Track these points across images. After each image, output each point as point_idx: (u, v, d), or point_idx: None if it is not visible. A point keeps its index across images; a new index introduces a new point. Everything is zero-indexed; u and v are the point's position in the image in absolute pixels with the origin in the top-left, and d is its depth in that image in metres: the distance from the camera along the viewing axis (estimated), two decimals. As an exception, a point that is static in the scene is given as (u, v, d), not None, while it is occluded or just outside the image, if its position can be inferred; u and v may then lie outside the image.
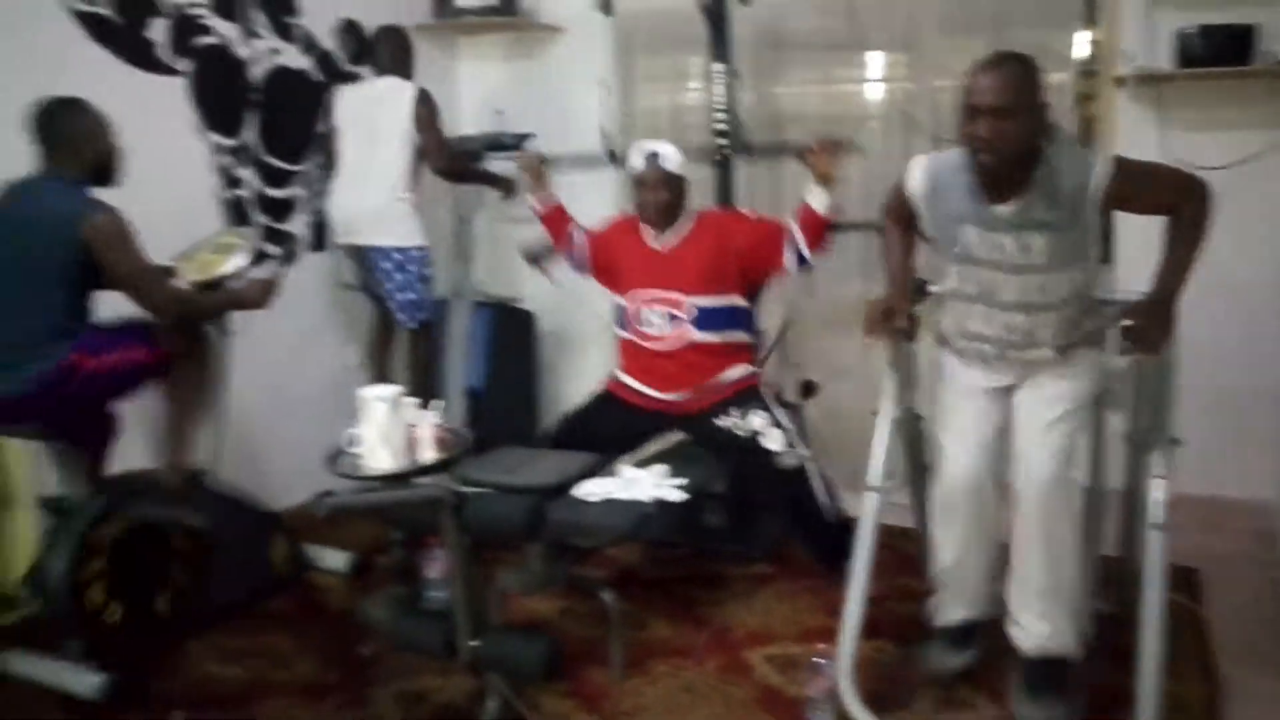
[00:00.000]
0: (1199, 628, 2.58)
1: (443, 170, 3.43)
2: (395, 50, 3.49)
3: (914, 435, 2.52)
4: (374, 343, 3.63)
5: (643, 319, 2.85)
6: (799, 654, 2.41)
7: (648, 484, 2.71)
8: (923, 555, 2.51)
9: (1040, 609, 2.12)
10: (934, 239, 2.21)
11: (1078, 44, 3.31)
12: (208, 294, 2.67)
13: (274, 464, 3.38)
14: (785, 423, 2.81)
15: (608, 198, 3.76)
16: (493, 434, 3.22)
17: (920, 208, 2.18)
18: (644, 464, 2.86)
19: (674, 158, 2.81)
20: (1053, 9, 3.29)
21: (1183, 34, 3.01)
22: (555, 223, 3.10)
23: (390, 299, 3.45)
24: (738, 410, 2.78)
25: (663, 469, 2.79)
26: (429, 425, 2.59)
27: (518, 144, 3.79)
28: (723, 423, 2.79)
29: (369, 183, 3.36)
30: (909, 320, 2.28)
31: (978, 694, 2.29)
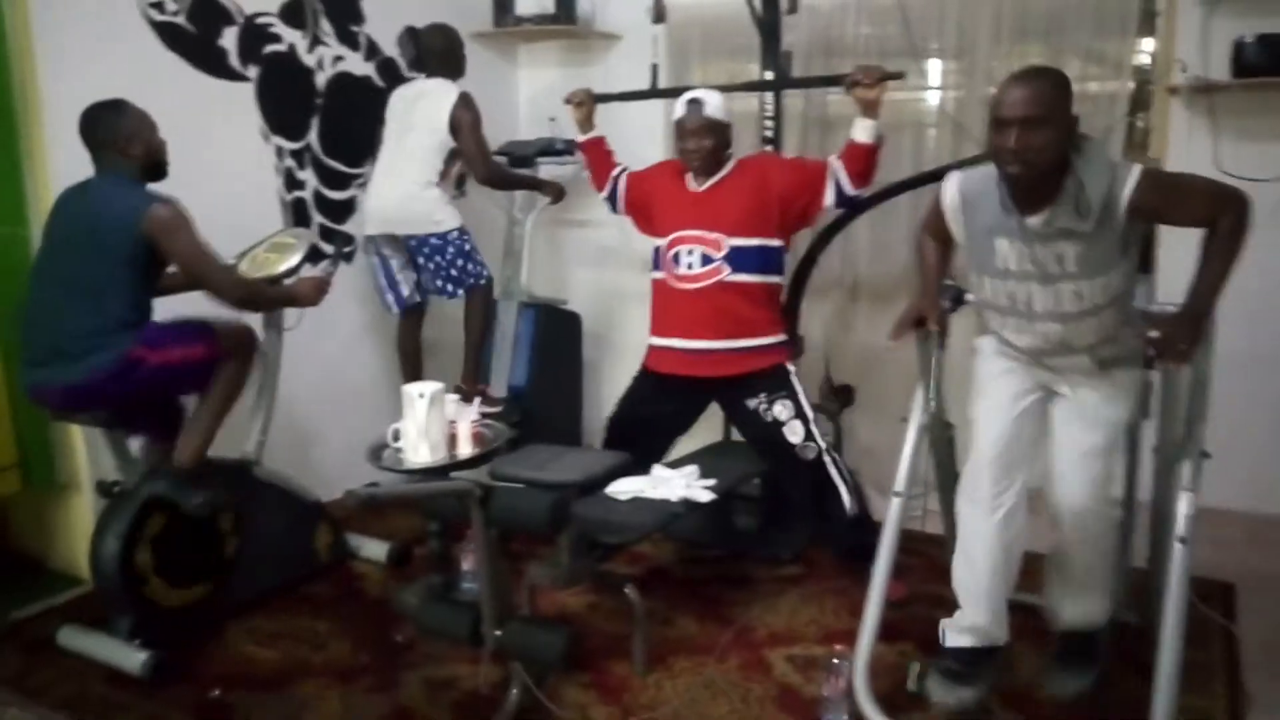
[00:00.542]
0: (1229, 643, 2.53)
1: (482, 177, 3.50)
2: (441, 48, 3.55)
3: (943, 442, 2.52)
4: (400, 344, 3.68)
5: (678, 258, 2.86)
6: (820, 655, 2.43)
7: (677, 484, 2.76)
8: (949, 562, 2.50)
9: (1076, 597, 2.25)
10: (968, 253, 2.21)
11: (1133, 53, 3.26)
12: (266, 285, 2.78)
13: (323, 455, 3.51)
14: (808, 411, 2.83)
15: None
16: (536, 433, 3.31)
17: (954, 222, 2.20)
18: (675, 464, 2.91)
19: (717, 104, 2.83)
20: (1108, 17, 3.23)
21: (1240, 43, 2.94)
22: (596, 156, 3.20)
23: (434, 280, 3.52)
24: (765, 395, 2.81)
25: (693, 469, 2.83)
26: (468, 421, 2.69)
27: (570, 150, 3.89)
28: (751, 404, 2.82)
29: (400, 173, 3.44)
30: (940, 325, 2.30)
31: (995, 699, 2.28)
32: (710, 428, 3.24)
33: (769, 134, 3.22)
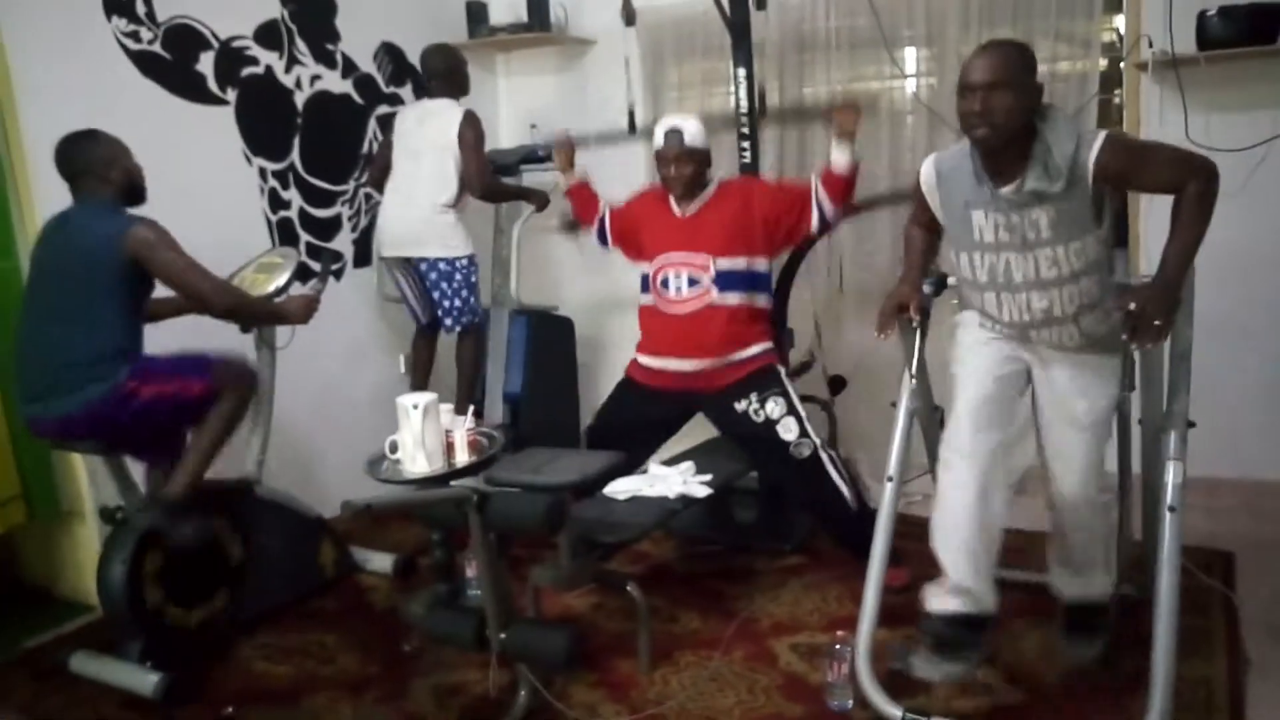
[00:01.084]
0: (1229, 610, 2.56)
1: (480, 192, 3.53)
2: (444, 69, 3.59)
3: (933, 425, 2.55)
4: (415, 354, 3.76)
5: (666, 282, 2.90)
6: (824, 643, 2.45)
7: (674, 481, 2.79)
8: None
9: (1078, 576, 2.35)
10: (948, 231, 2.25)
11: (1101, 31, 3.29)
12: (254, 298, 2.80)
13: (323, 470, 3.54)
14: (800, 408, 2.84)
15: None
16: (532, 438, 3.34)
17: (932, 199, 2.24)
18: (671, 461, 2.94)
19: (695, 132, 2.87)
20: (1074, -4, 3.27)
21: (1204, 16, 2.98)
22: (582, 199, 3.23)
23: (439, 306, 3.57)
24: (756, 395, 2.82)
25: (689, 465, 2.86)
26: (463, 430, 2.71)
27: (551, 156, 3.92)
28: (740, 406, 2.83)
29: (415, 197, 3.49)
30: (922, 313, 2.33)
31: (996, 676, 2.32)
32: (706, 425, 3.26)
33: (744, 130, 3.24)
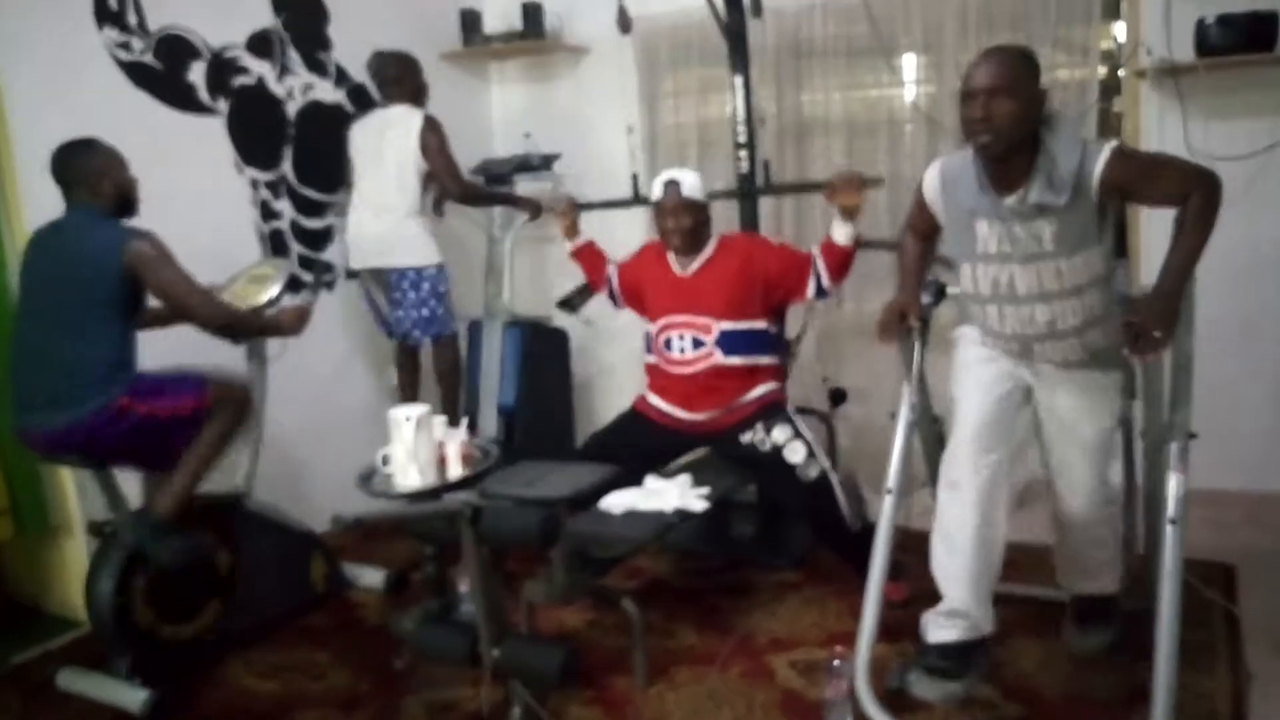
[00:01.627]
0: (1231, 623, 2.54)
1: (457, 195, 3.50)
2: (394, 75, 3.54)
3: (932, 436, 2.53)
4: (399, 369, 3.71)
5: (669, 344, 2.88)
6: (822, 658, 2.41)
7: (672, 494, 2.75)
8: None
9: (1086, 579, 2.39)
10: (951, 241, 2.23)
11: (1100, 38, 3.28)
12: (245, 312, 2.77)
13: (314, 483, 3.50)
14: (806, 433, 2.81)
15: (637, 228, 3.89)
16: (526, 450, 3.30)
17: (936, 207, 2.22)
18: (669, 475, 2.90)
19: (694, 184, 2.85)
20: (1073, 4, 3.26)
21: (1202, 24, 2.97)
22: (589, 260, 3.20)
23: (407, 317, 3.52)
24: (761, 425, 2.79)
25: (686, 479, 2.83)
26: (456, 443, 2.68)
27: (545, 165, 3.90)
28: (746, 438, 2.80)
29: (379, 208, 3.44)
30: (921, 322, 2.30)
31: (995, 692, 2.28)
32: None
33: (741, 139, 3.21)
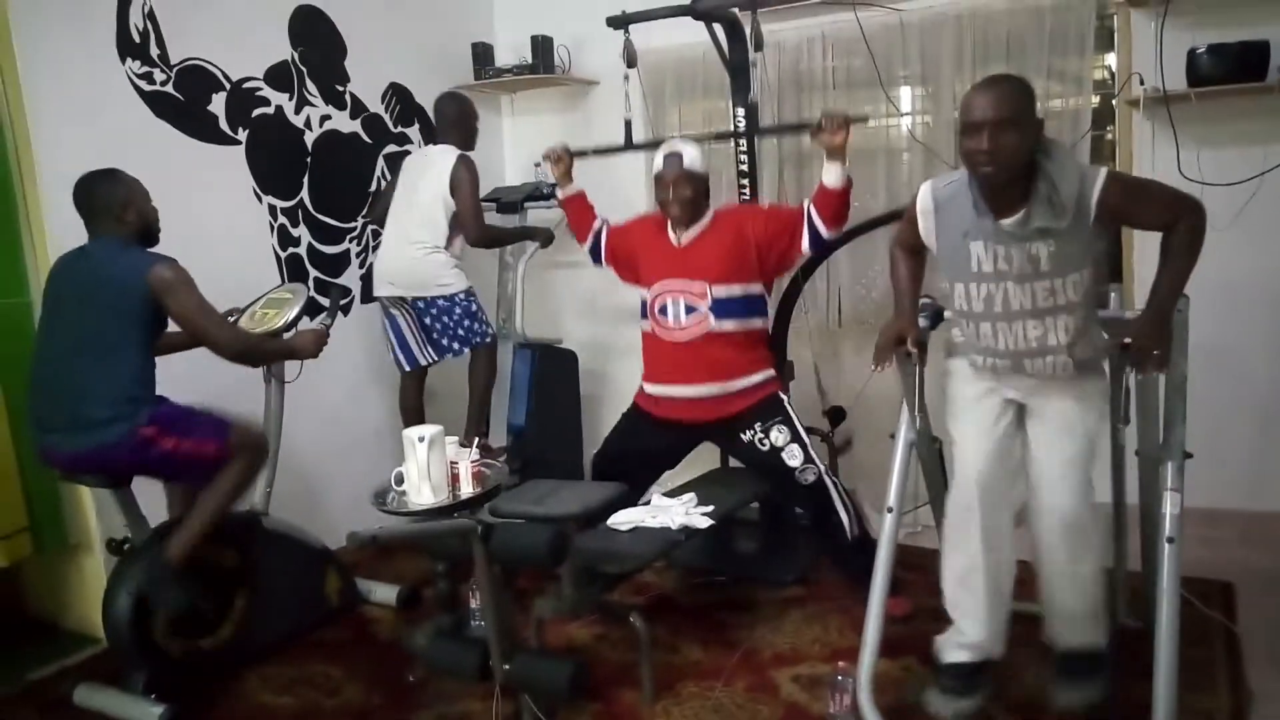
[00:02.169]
0: (1231, 641, 2.57)
1: (476, 239, 3.58)
2: (453, 117, 3.65)
3: (931, 456, 2.58)
4: (402, 397, 3.75)
5: (664, 309, 2.93)
6: (825, 673, 2.46)
7: (677, 512, 2.81)
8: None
9: (1070, 621, 2.25)
10: (943, 261, 2.26)
11: (1093, 68, 3.36)
12: (266, 339, 2.85)
13: (329, 501, 3.57)
14: (804, 436, 2.87)
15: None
16: (537, 469, 3.37)
17: (928, 228, 2.24)
18: (674, 493, 2.96)
19: (695, 156, 2.92)
20: (1066, 35, 3.32)
21: (1193, 53, 3.04)
22: (578, 212, 3.28)
23: (442, 341, 3.59)
24: (760, 424, 2.86)
25: (691, 496, 2.89)
26: (468, 462, 2.75)
27: (555, 194, 3.98)
28: (746, 437, 2.86)
29: (408, 240, 3.53)
30: (918, 345, 2.36)
31: (999, 707, 2.32)
32: (708, 456, 3.29)
33: (744, 167, 3.30)
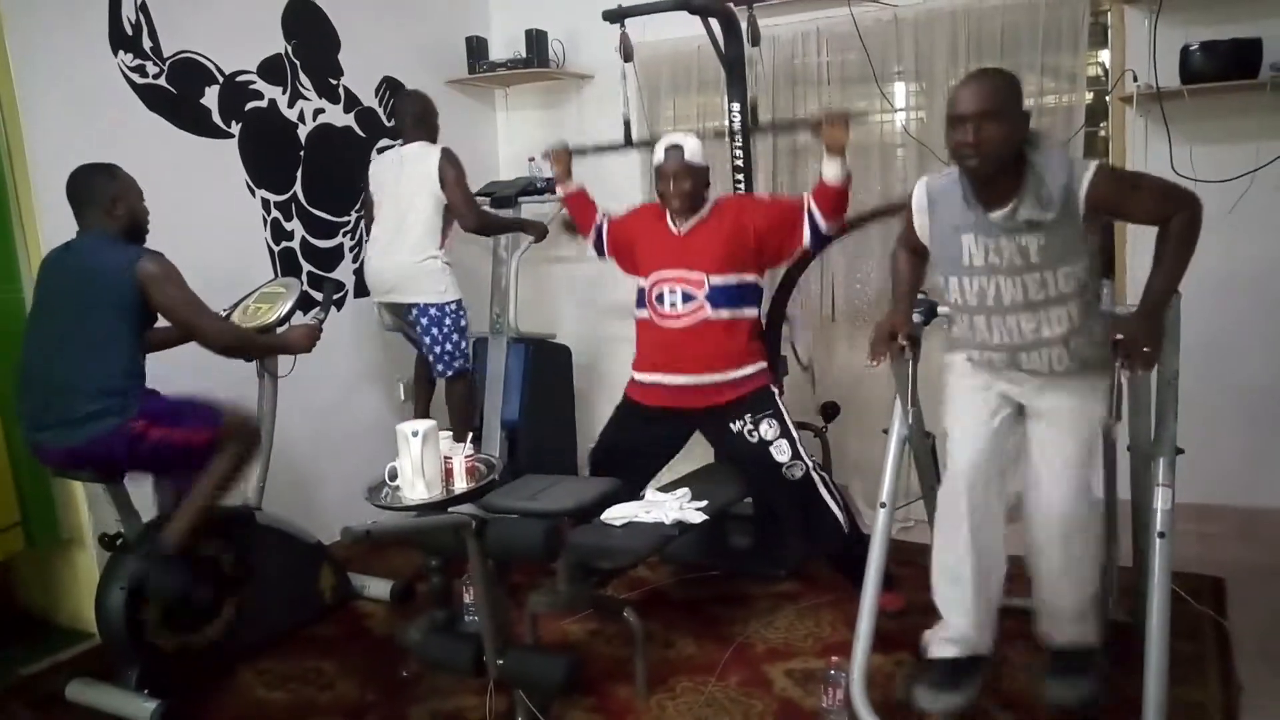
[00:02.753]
0: (1221, 635, 2.59)
1: (473, 228, 3.57)
2: (417, 114, 3.60)
3: (924, 451, 2.58)
4: (416, 379, 3.78)
5: (661, 297, 2.94)
6: (819, 668, 2.47)
7: (671, 507, 2.82)
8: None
9: (1065, 617, 2.21)
10: (937, 256, 2.27)
11: (1086, 65, 3.37)
12: (254, 334, 2.84)
13: (322, 496, 3.57)
14: (793, 431, 2.87)
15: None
16: (530, 465, 3.37)
17: (922, 223, 2.26)
18: (668, 488, 2.97)
19: (695, 149, 2.93)
20: (1060, 32, 3.34)
21: (1186, 50, 3.05)
22: (579, 207, 3.27)
23: (429, 351, 3.58)
24: (750, 416, 2.85)
25: (685, 491, 2.89)
26: (462, 457, 2.74)
27: (550, 188, 3.98)
28: (735, 427, 2.86)
29: (400, 245, 3.50)
30: (911, 340, 2.36)
31: (992, 702, 2.33)
32: (702, 451, 3.30)
33: (739, 163, 3.30)
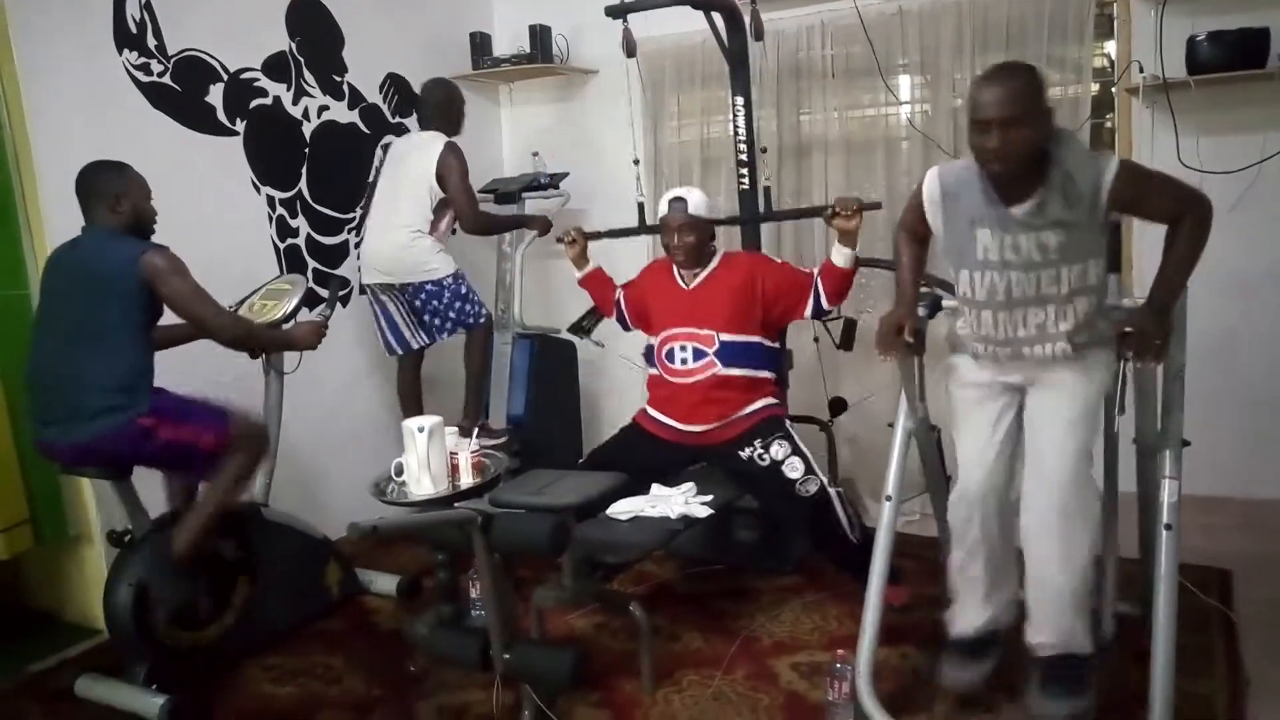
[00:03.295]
0: (1228, 628, 2.58)
1: (471, 226, 3.56)
2: (439, 102, 3.62)
3: (929, 445, 2.58)
4: (400, 383, 3.74)
5: (671, 355, 2.94)
6: (825, 662, 2.47)
7: (676, 501, 2.82)
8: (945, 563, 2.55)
9: (1058, 608, 2.13)
10: (948, 247, 2.24)
11: (1092, 56, 3.35)
12: (261, 326, 2.84)
13: (328, 492, 3.57)
14: (804, 449, 2.85)
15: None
16: (536, 460, 3.37)
17: (935, 215, 2.22)
18: (673, 482, 2.96)
19: (699, 201, 2.93)
20: (1065, 23, 3.32)
21: (1193, 41, 3.04)
22: (597, 286, 3.26)
23: (433, 323, 3.57)
24: (760, 441, 2.84)
25: (690, 486, 2.89)
26: (468, 452, 2.75)
27: (554, 183, 3.99)
28: (745, 454, 2.84)
29: (390, 226, 3.50)
30: (917, 334, 2.35)
31: (997, 695, 2.33)
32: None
33: (743, 157, 3.28)
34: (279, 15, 3.59)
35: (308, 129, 3.70)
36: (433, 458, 2.62)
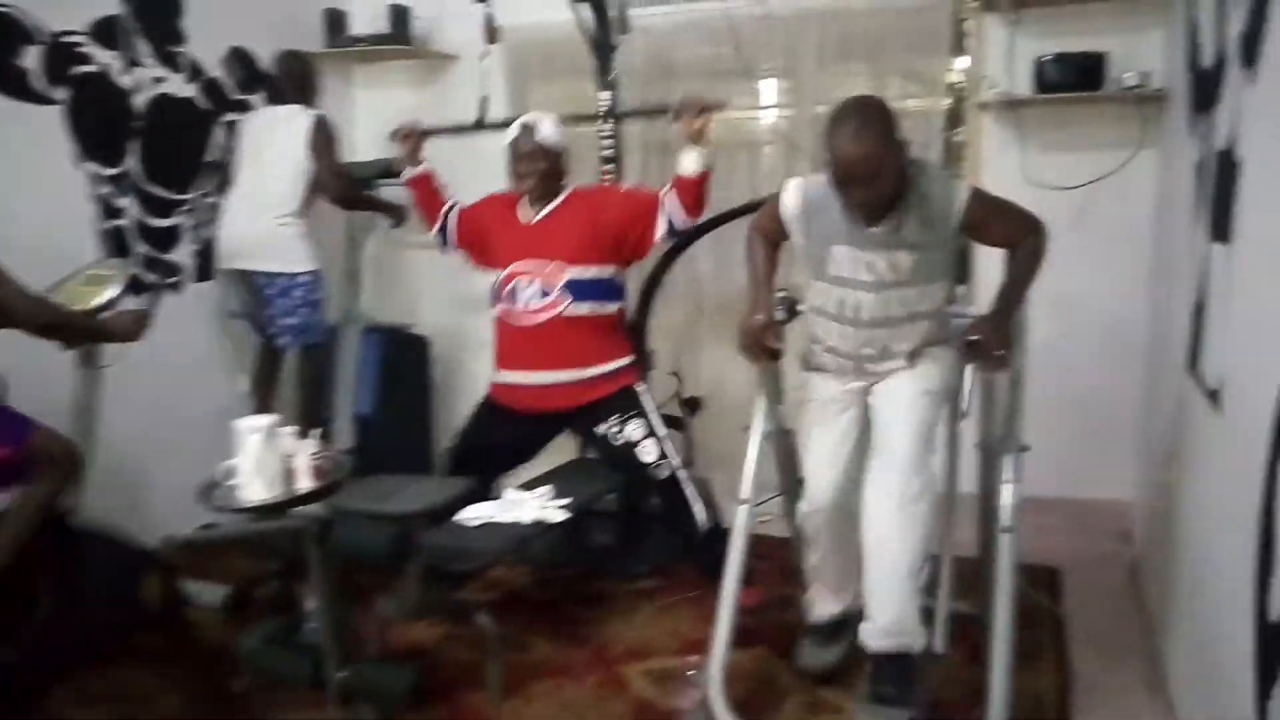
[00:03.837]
0: (1057, 624, 2.69)
1: (338, 199, 3.41)
2: (295, 76, 3.46)
3: (785, 449, 2.59)
4: (258, 373, 3.57)
5: (515, 293, 2.82)
6: (676, 667, 2.45)
7: (531, 506, 2.74)
8: (799, 564, 2.56)
9: (894, 582, 2.13)
10: (804, 258, 2.27)
11: (947, 71, 3.45)
12: (75, 313, 2.60)
13: (153, 497, 3.30)
14: (660, 430, 2.84)
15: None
16: (383, 461, 3.21)
17: (794, 228, 2.25)
18: (530, 485, 2.89)
19: (549, 130, 2.81)
20: (923, 38, 3.43)
21: (1041, 61, 3.17)
22: (425, 192, 3.07)
23: (272, 324, 3.40)
24: (616, 418, 2.81)
25: (547, 489, 2.82)
26: (306, 455, 2.58)
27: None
28: (601, 430, 2.81)
29: (258, 208, 3.33)
30: (777, 341, 2.35)
31: (844, 698, 2.35)
32: (567, 445, 3.23)
33: (608, 153, 3.24)
34: (109, -25, 3.30)
35: (139, 102, 3.42)
36: (266, 461, 2.45)
